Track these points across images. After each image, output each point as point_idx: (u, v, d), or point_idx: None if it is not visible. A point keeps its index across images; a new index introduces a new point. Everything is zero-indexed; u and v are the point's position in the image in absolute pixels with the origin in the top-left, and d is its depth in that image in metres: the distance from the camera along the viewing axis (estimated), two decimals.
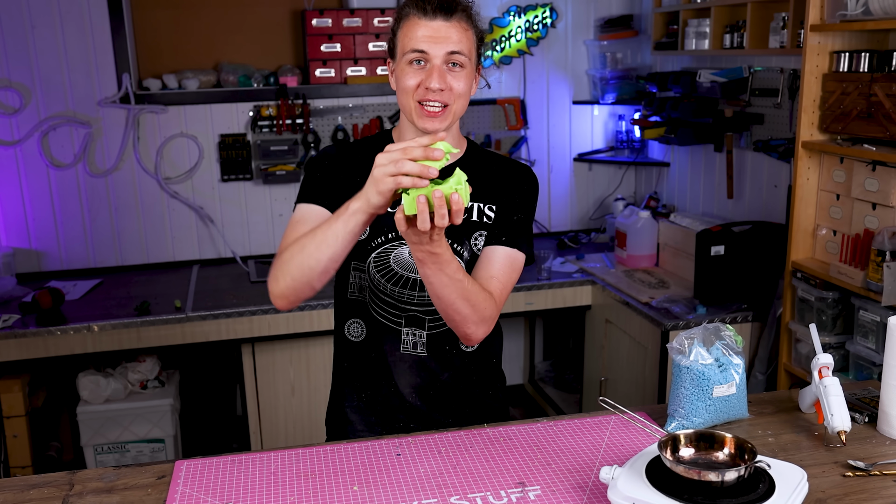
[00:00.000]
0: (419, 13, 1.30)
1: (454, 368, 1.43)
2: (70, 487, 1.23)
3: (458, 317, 1.25)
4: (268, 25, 3.31)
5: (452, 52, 1.29)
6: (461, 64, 1.30)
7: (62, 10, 3.00)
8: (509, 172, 1.43)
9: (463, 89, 1.31)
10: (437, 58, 1.29)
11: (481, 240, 1.39)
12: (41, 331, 2.53)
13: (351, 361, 1.46)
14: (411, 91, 1.30)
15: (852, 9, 2.05)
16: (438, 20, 1.29)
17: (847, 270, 2.13)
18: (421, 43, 1.29)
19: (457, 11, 1.30)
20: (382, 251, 1.37)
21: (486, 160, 1.44)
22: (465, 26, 1.31)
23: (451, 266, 1.19)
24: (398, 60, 1.33)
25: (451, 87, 1.30)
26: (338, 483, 1.21)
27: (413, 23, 1.30)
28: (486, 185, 1.40)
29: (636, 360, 2.75)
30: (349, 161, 1.40)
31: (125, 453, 2.80)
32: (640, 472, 1.08)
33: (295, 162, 3.25)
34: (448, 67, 1.30)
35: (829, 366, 1.32)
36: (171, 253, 3.26)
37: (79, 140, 3.10)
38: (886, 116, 2.04)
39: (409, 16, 1.31)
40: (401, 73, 1.32)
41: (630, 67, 3.47)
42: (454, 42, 1.29)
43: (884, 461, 1.24)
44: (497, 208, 1.40)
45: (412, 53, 1.29)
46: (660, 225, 3.06)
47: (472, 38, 1.33)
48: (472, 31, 1.33)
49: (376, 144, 1.42)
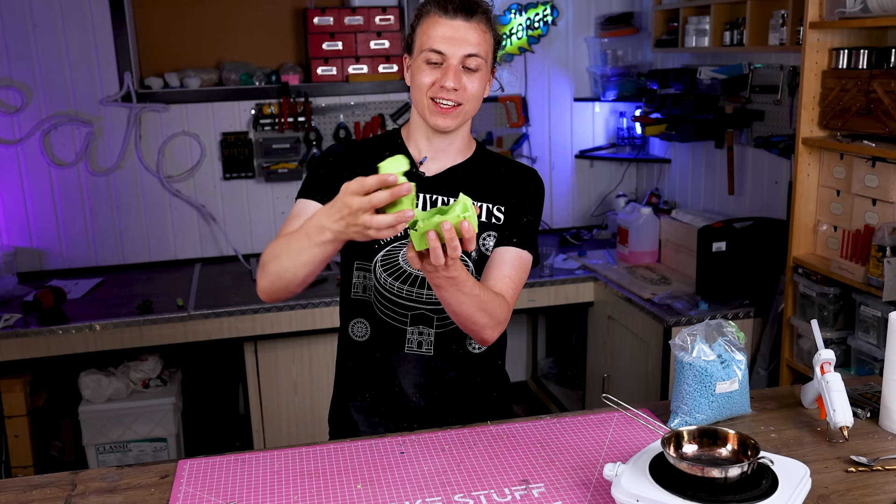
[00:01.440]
0: (440, 11, 1.30)
1: (459, 368, 1.43)
2: (73, 487, 1.23)
3: (476, 326, 1.27)
4: (269, 24, 3.31)
5: (470, 55, 1.30)
6: (477, 67, 1.31)
7: (63, 8, 3.00)
8: (517, 175, 1.44)
9: (477, 91, 1.32)
10: (454, 58, 1.30)
11: (490, 240, 1.39)
12: (43, 330, 2.53)
13: (355, 361, 1.46)
14: (425, 88, 1.31)
15: (851, 6, 2.05)
16: (459, 20, 1.29)
17: (848, 266, 2.13)
18: (439, 43, 1.29)
19: (477, 13, 1.31)
20: (391, 249, 1.37)
21: (495, 162, 1.44)
22: (483, 28, 1.32)
23: (467, 284, 1.20)
24: (415, 57, 1.33)
25: (465, 87, 1.31)
26: (341, 482, 1.21)
27: (433, 21, 1.30)
28: (495, 186, 1.41)
29: (639, 357, 2.75)
30: (356, 162, 1.40)
31: (127, 453, 2.81)
32: (644, 469, 1.08)
33: (297, 160, 3.25)
34: (465, 69, 1.31)
35: (830, 361, 1.33)
36: (173, 251, 3.26)
37: (80, 139, 3.10)
38: (885, 113, 2.04)
39: (430, 13, 1.31)
40: (417, 69, 1.32)
41: (631, 65, 3.47)
42: (472, 44, 1.30)
43: (886, 456, 1.24)
44: (505, 210, 1.40)
45: (430, 53, 1.30)
46: (661, 221, 3.06)
47: (489, 40, 1.34)
48: (490, 33, 1.34)
49: (385, 144, 1.42)
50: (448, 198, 1.38)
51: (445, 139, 1.38)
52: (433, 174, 1.39)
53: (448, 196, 1.38)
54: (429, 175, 1.39)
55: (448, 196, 1.38)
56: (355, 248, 1.39)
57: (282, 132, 3.23)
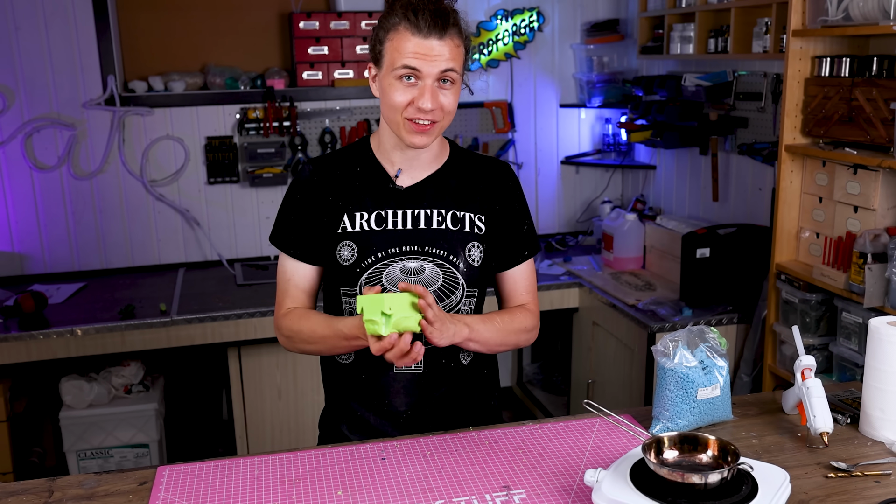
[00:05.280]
0: (412, 28, 1.24)
1: (450, 383, 1.41)
2: (49, 494, 1.21)
3: (513, 347, 1.40)
4: (255, 28, 3.30)
5: (445, 70, 1.26)
6: (452, 80, 1.28)
7: (47, 11, 2.98)
8: (495, 177, 1.41)
9: (452, 105, 1.29)
10: (429, 76, 1.25)
11: (475, 250, 1.37)
12: (23, 335, 2.50)
13: (341, 383, 1.43)
14: (401, 108, 1.27)
15: (833, 14, 2.08)
16: (432, 39, 1.24)
17: (830, 273, 2.15)
18: (413, 60, 1.24)
19: (449, 28, 1.25)
20: (373, 272, 1.34)
21: (470, 164, 1.42)
22: (457, 42, 1.27)
23: (481, 328, 1.31)
24: (385, 71, 1.28)
25: (442, 106, 1.27)
26: (322, 488, 1.21)
27: (404, 37, 1.24)
28: (475, 193, 1.39)
29: (623, 363, 2.76)
30: (326, 181, 1.37)
31: (109, 459, 2.78)
32: (625, 475, 1.08)
33: (282, 164, 3.24)
34: (439, 84, 1.27)
35: (811, 367, 1.33)
36: (156, 256, 3.24)
37: (63, 142, 3.07)
38: (867, 120, 2.06)
39: (399, 28, 1.25)
40: (388, 86, 1.27)
41: (616, 71, 3.49)
42: (447, 60, 1.25)
43: (865, 462, 1.25)
44: (487, 219, 1.38)
45: (403, 70, 1.25)
46: (646, 227, 3.07)
47: (462, 52, 1.30)
48: (462, 44, 1.29)
49: (355, 159, 1.39)
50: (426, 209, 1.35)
51: (419, 150, 1.34)
52: (409, 185, 1.37)
53: (429, 208, 1.35)
54: (405, 187, 1.37)
55: (429, 208, 1.35)
56: (339, 276, 1.37)
57: (267, 137, 3.22)
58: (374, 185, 1.37)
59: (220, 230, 3.28)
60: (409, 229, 1.35)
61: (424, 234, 1.34)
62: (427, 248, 1.34)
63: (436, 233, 1.35)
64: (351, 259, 1.34)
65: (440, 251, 1.34)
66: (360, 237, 1.34)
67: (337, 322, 1.30)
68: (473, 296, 1.39)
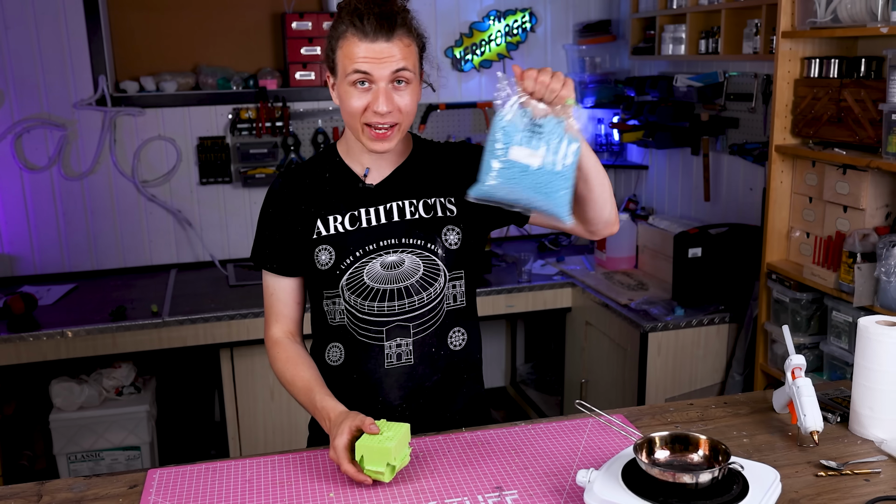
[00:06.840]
0: (358, 34, 1.24)
1: (441, 370, 1.41)
2: (38, 498, 1.20)
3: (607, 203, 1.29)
4: (247, 28, 3.29)
5: (397, 70, 1.25)
6: (406, 80, 1.27)
7: (37, 10, 2.96)
8: (455, 156, 1.41)
9: (410, 105, 1.29)
10: (381, 79, 1.25)
11: (451, 234, 1.37)
12: (13, 337, 2.49)
13: (333, 384, 1.43)
14: (358, 114, 1.27)
15: (822, 16, 2.09)
16: (380, 42, 1.24)
17: (820, 272, 2.16)
18: (363, 65, 1.24)
19: (397, 28, 1.25)
20: (353, 271, 1.35)
21: (433, 151, 1.43)
22: (406, 42, 1.27)
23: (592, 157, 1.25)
24: (340, 79, 1.28)
25: (398, 107, 1.27)
26: (314, 490, 1.20)
27: (352, 43, 1.24)
28: (440, 177, 1.39)
29: (616, 362, 2.77)
30: (297, 190, 1.38)
31: (100, 461, 2.76)
32: (617, 475, 1.09)
33: (274, 165, 3.23)
34: (394, 86, 1.26)
35: (801, 367, 1.34)
36: (147, 257, 3.22)
37: (53, 143, 3.06)
38: (856, 121, 2.07)
39: (347, 35, 1.25)
40: (344, 93, 1.28)
41: (608, 72, 3.50)
42: (398, 60, 1.25)
43: (855, 460, 1.26)
44: (457, 199, 1.38)
45: (355, 75, 1.25)
46: (638, 227, 3.08)
47: (415, 50, 1.29)
48: (414, 43, 1.29)
49: (323, 166, 1.40)
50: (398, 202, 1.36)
51: None
52: (379, 182, 1.38)
53: (400, 200, 1.36)
54: (375, 184, 1.38)
55: (400, 200, 1.36)
56: (319, 280, 1.37)
57: (259, 137, 3.21)
58: (344, 188, 1.38)
59: (212, 231, 3.27)
60: (384, 224, 1.36)
61: (399, 227, 1.36)
62: (403, 239, 1.35)
63: (410, 223, 1.36)
64: (329, 262, 1.35)
65: (416, 240, 1.35)
66: (336, 240, 1.35)
67: (315, 393, 1.32)
68: (459, 278, 1.39)
